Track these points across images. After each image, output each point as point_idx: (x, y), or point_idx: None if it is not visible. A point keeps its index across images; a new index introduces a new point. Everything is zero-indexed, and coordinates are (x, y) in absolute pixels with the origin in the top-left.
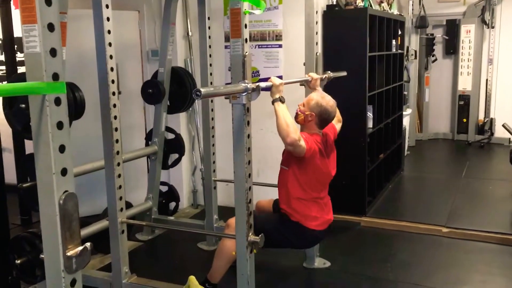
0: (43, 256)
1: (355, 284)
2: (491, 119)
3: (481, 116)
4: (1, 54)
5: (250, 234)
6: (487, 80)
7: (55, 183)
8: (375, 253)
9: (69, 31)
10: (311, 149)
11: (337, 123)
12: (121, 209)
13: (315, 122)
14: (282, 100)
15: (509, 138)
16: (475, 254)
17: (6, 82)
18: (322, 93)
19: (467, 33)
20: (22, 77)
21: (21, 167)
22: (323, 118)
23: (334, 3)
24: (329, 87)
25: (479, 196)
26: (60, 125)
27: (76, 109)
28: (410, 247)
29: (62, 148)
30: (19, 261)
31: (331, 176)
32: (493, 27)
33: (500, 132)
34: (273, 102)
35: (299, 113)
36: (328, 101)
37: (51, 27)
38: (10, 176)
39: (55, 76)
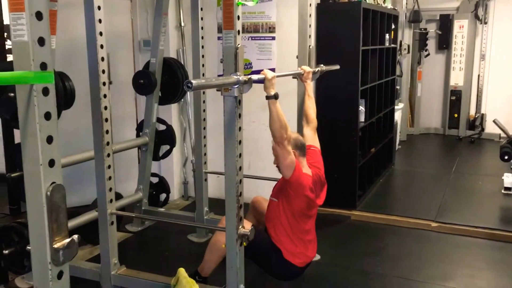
0: (29, 247)
1: (344, 277)
2: (482, 114)
3: (472, 112)
4: None
5: (240, 227)
6: (478, 75)
7: (42, 174)
8: (365, 247)
9: (60, 19)
10: (300, 174)
11: (315, 135)
12: (111, 200)
13: (298, 155)
14: (276, 97)
15: (499, 134)
16: (463, 248)
17: None
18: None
19: (460, 29)
20: (9, 66)
21: (9, 156)
22: (300, 146)
23: None
24: (322, 80)
25: (469, 191)
26: (48, 116)
27: (66, 98)
28: (400, 241)
29: (49, 139)
30: (7, 251)
31: (317, 207)
32: (486, 23)
33: (490, 128)
34: (267, 98)
35: None
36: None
37: (39, 15)
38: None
39: (43, 66)
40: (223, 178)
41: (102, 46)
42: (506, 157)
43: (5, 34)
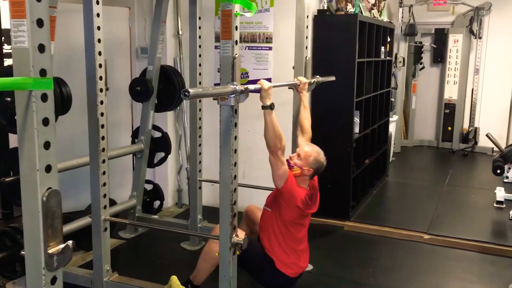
0: (23, 252)
1: (337, 287)
2: (475, 128)
3: (466, 125)
4: None
5: (234, 235)
6: (472, 89)
7: (38, 179)
8: (357, 258)
9: (58, 25)
10: (292, 186)
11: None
12: (105, 207)
13: (309, 175)
14: (272, 107)
15: (492, 148)
16: (455, 261)
17: None
18: (316, 148)
19: (455, 43)
20: (8, 71)
21: (4, 161)
22: (319, 172)
23: (325, 8)
24: (318, 91)
25: (461, 204)
26: (46, 122)
27: (63, 104)
28: (392, 253)
29: (47, 145)
30: None
31: (310, 216)
32: (480, 38)
33: (483, 142)
34: (263, 108)
35: (295, 167)
36: (323, 156)
37: (40, 22)
38: None
39: (43, 72)
40: (217, 186)
41: (100, 53)
42: (498, 171)
43: (3, 38)
